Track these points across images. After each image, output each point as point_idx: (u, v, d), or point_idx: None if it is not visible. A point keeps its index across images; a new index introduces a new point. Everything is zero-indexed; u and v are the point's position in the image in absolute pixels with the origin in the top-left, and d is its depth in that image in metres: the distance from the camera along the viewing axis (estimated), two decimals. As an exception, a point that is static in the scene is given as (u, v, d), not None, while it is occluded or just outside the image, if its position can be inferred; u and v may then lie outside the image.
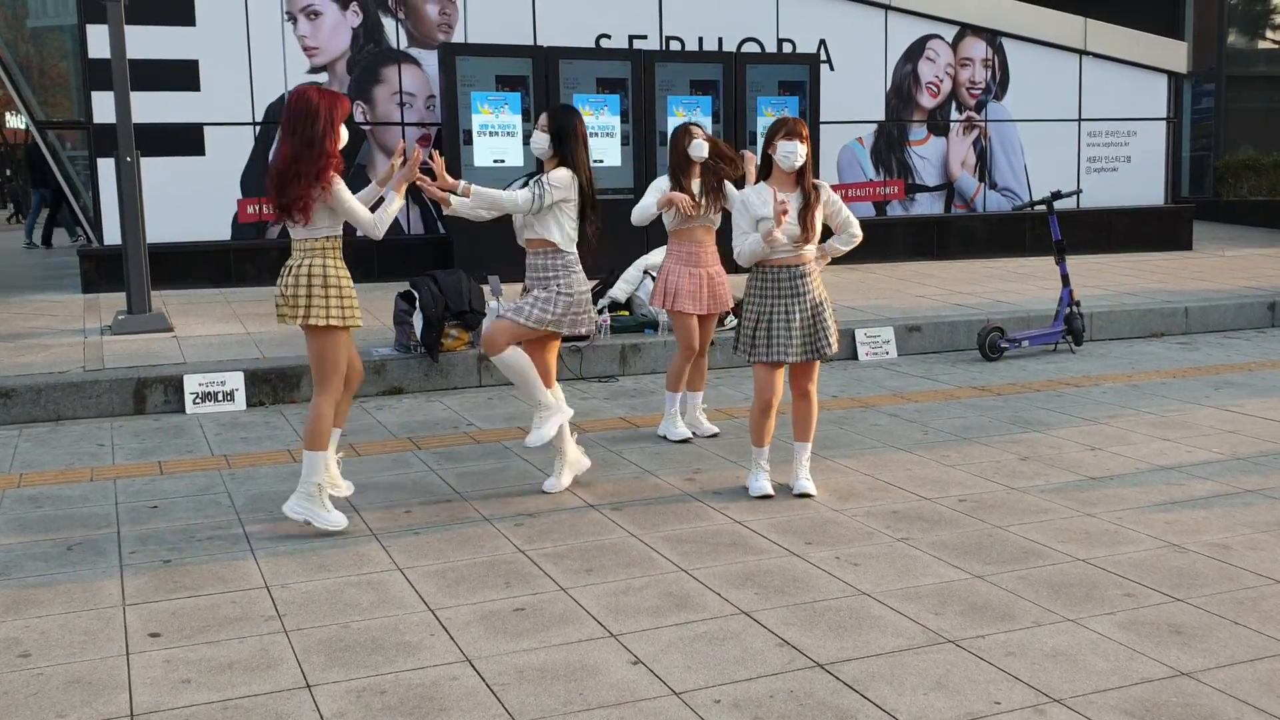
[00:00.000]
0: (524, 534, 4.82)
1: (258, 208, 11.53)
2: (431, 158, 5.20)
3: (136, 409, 7.26)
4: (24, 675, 3.54)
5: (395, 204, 4.90)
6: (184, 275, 11.21)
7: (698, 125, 6.34)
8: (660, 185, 6.31)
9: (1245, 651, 3.59)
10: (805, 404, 5.35)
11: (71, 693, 3.43)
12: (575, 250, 5.33)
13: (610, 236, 7.48)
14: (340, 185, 4.76)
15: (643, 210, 6.26)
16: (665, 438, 6.40)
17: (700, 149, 6.21)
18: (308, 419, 4.92)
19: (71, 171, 14.02)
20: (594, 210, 5.35)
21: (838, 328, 5.35)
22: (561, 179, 5.19)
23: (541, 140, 5.30)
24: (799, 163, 5.10)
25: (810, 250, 5.23)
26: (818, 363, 5.33)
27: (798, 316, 5.18)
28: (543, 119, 5.35)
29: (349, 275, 4.91)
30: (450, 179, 5.21)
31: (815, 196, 5.16)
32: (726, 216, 6.40)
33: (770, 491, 5.32)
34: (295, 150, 4.71)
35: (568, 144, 5.25)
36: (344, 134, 4.85)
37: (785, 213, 4.98)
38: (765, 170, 5.26)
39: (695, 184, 6.26)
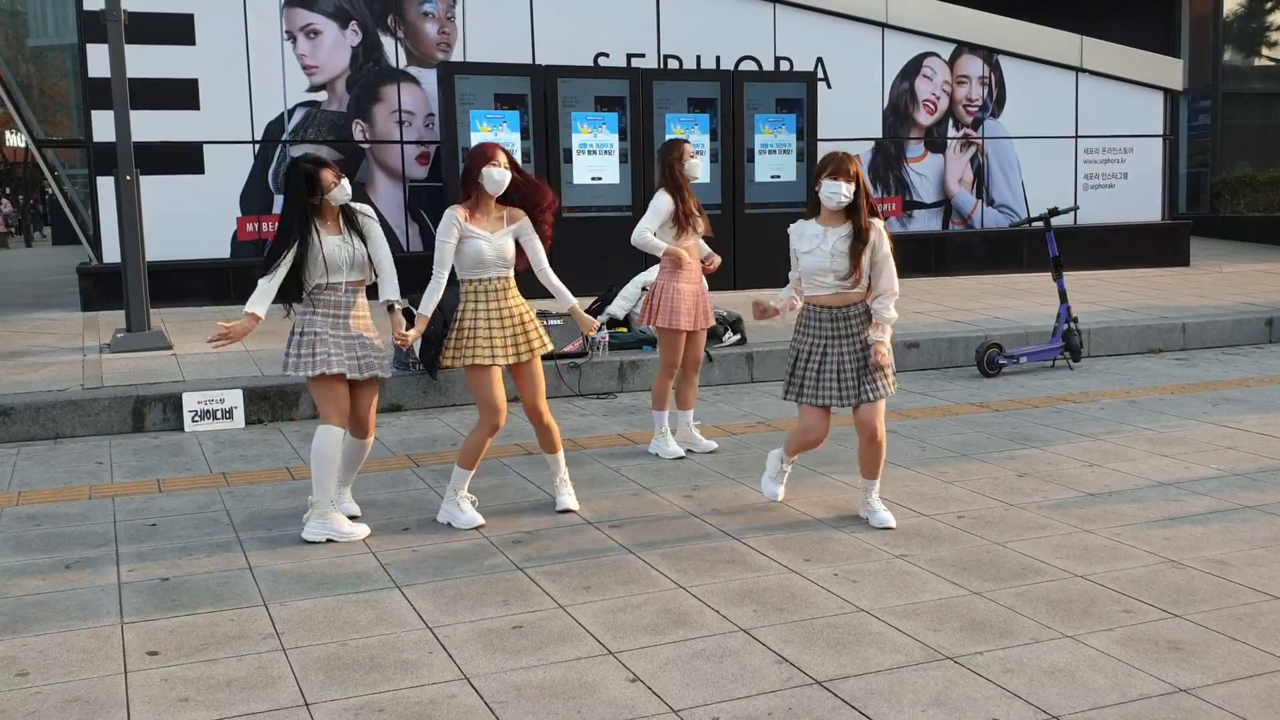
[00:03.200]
0: (522, 551, 4.82)
1: (257, 226, 11.56)
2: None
3: (135, 427, 7.26)
4: (22, 694, 3.54)
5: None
6: (183, 293, 11.23)
7: (688, 142, 6.38)
8: (661, 206, 6.24)
9: (1244, 668, 3.58)
10: (874, 448, 5.06)
11: (69, 711, 3.42)
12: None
13: (608, 253, 7.47)
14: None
15: (649, 244, 6.22)
16: (658, 455, 6.40)
17: (695, 169, 6.28)
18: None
19: (70, 189, 14.06)
20: None
21: (892, 372, 5.04)
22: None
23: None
24: (844, 202, 4.87)
25: (858, 292, 4.96)
26: (881, 404, 5.02)
27: (844, 359, 4.96)
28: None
29: (469, 317, 5.22)
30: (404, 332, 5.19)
31: (865, 235, 4.90)
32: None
33: (780, 497, 5.40)
34: None
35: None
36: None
37: (776, 314, 5.11)
38: (814, 208, 5.01)
39: (692, 201, 6.33)
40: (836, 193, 4.86)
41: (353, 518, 5.25)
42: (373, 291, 5.20)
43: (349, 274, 5.09)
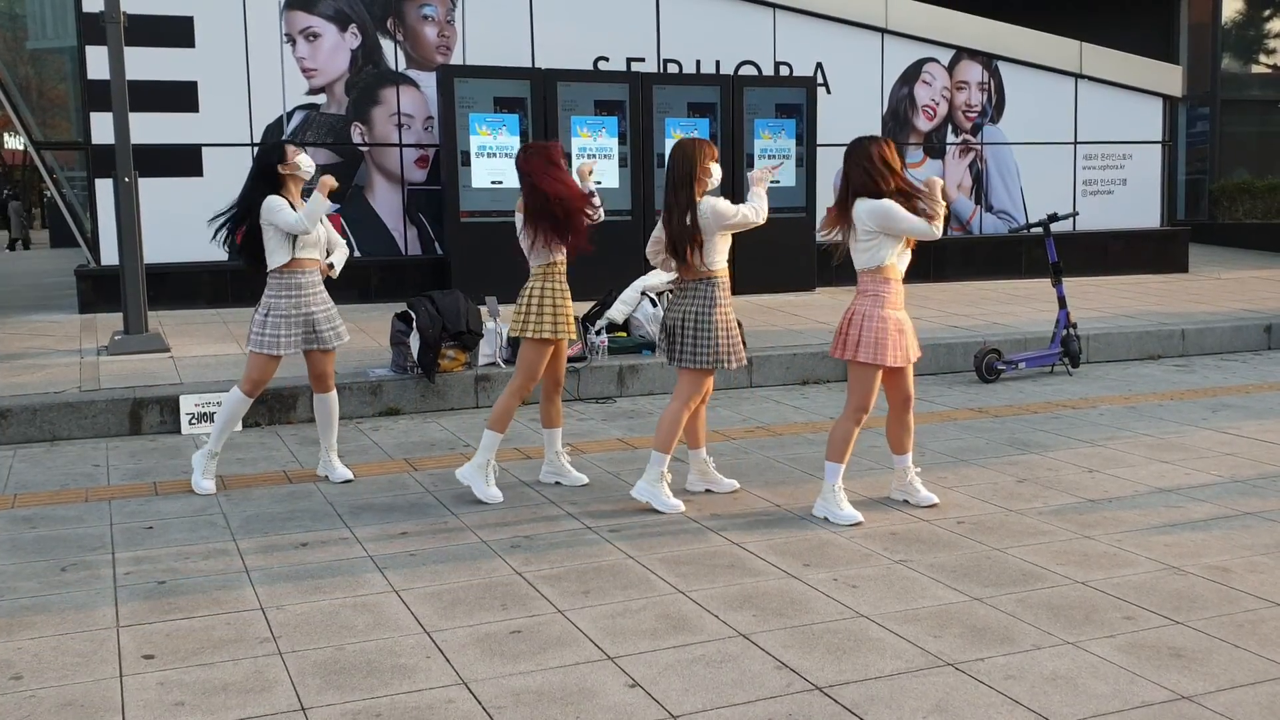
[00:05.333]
0: (521, 556, 4.80)
1: (255, 229, 11.53)
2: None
3: (132, 429, 7.24)
4: (16, 698, 3.52)
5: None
6: (181, 296, 11.21)
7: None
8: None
9: (1246, 675, 3.57)
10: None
11: (64, 715, 3.40)
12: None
13: (608, 258, 7.47)
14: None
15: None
16: (828, 519, 5.27)
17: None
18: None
19: (69, 192, 14.04)
20: None
21: None
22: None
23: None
24: None
25: None
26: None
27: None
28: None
29: (545, 295, 5.59)
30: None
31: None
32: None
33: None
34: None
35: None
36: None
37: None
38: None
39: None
40: None
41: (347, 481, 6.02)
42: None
43: (314, 251, 5.85)
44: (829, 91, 13.32)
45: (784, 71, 13.15)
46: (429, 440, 7.02)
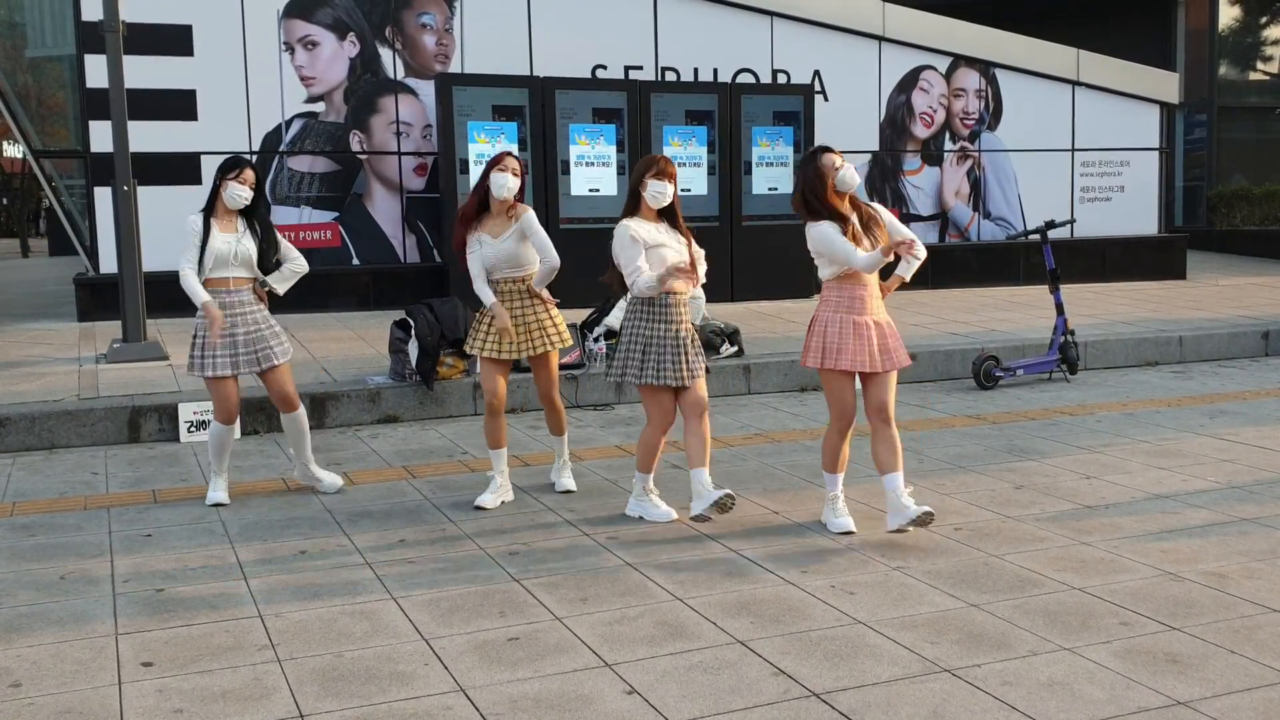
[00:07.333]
0: (518, 563, 4.81)
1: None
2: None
3: (131, 437, 7.24)
4: (15, 705, 3.52)
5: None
6: (180, 304, 11.04)
7: (834, 151, 5.19)
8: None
9: (1242, 681, 3.58)
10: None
11: (62, 723, 3.40)
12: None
13: (605, 265, 7.47)
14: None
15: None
16: (827, 527, 5.20)
17: (849, 181, 5.10)
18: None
19: (68, 200, 14.06)
20: None
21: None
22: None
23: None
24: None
25: None
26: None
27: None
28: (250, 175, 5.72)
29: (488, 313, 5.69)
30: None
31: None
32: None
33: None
34: None
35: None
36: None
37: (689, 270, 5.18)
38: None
39: (852, 218, 5.13)
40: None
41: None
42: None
43: (234, 270, 5.66)
44: (826, 99, 13.35)
45: (781, 79, 13.18)
46: (427, 448, 7.03)
